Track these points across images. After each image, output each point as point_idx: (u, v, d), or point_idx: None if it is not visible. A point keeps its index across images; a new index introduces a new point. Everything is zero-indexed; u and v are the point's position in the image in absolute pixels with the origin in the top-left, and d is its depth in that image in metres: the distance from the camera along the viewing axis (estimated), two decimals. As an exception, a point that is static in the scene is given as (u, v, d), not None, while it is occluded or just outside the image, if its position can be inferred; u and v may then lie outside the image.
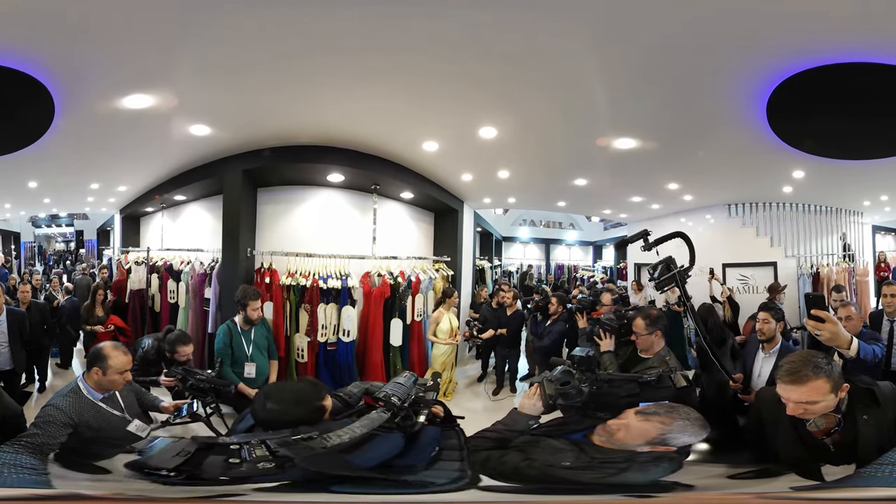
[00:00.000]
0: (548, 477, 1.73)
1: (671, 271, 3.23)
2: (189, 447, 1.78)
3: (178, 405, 2.58)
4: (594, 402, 2.05)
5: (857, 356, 2.04)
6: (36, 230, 6.16)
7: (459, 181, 4.89)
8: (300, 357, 4.20)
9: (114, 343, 2.32)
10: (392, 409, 1.85)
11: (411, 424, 1.84)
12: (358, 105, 3.13)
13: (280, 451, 1.68)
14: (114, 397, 2.25)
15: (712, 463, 1.86)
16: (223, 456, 1.71)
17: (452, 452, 1.84)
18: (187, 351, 3.13)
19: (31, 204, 5.73)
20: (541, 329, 4.42)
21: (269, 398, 1.88)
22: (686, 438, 1.76)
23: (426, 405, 1.94)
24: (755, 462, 1.89)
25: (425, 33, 2.25)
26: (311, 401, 1.87)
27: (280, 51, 2.39)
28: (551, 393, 2.04)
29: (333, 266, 4.35)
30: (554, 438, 1.90)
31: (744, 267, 5.21)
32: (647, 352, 2.78)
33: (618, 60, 2.46)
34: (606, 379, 2.18)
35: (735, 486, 1.77)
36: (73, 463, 1.92)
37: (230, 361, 3.31)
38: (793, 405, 1.69)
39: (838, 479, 1.67)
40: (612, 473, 1.70)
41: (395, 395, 1.89)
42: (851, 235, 5.33)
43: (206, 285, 4.48)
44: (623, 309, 3.20)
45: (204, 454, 1.74)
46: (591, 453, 1.78)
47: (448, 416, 2.06)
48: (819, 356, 1.72)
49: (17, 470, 1.75)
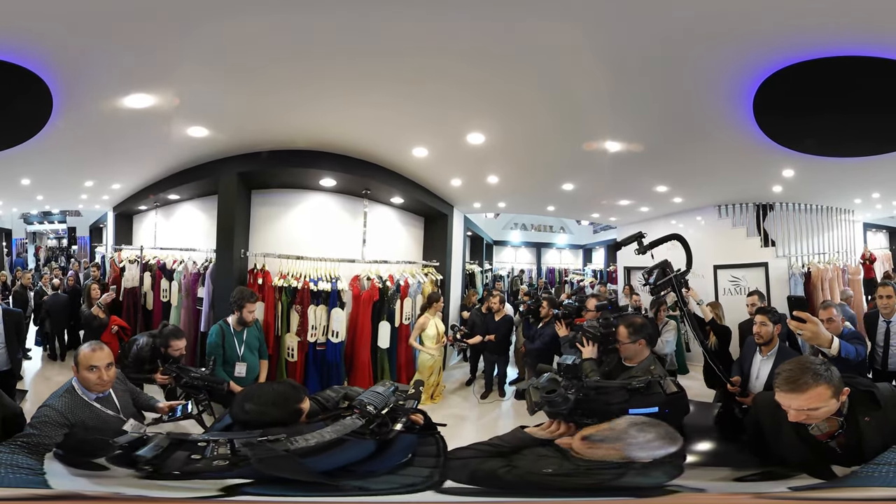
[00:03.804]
0: (528, 483, 1.75)
1: (667, 276, 3.24)
2: (163, 442, 1.81)
3: (173, 405, 2.62)
4: (581, 410, 2.04)
5: (838, 355, 2.15)
6: (28, 227, 6.13)
7: (449, 186, 4.95)
8: (290, 356, 4.27)
9: (91, 342, 2.30)
10: (366, 417, 1.87)
11: (386, 432, 1.86)
12: (351, 111, 3.19)
13: (242, 450, 1.69)
14: (109, 397, 2.26)
15: (717, 466, 1.91)
16: (187, 452, 1.74)
17: (427, 459, 1.84)
18: (180, 346, 3.14)
19: (24, 201, 5.70)
20: (532, 332, 4.49)
21: (248, 399, 1.90)
22: (647, 453, 1.75)
23: (405, 413, 1.96)
24: (756, 465, 1.89)
25: (415, 42, 2.32)
26: (289, 403, 1.89)
27: (277, 56, 2.44)
28: (537, 400, 2.06)
29: (324, 269, 4.42)
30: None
31: (735, 268, 5.18)
32: (632, 360, 2.74)
33: (603, 64, 2.49)
34: (594, 386, 2.16)
35: (735, 486, 1.78)
36: (70, 462, 1.92)
37: (221, 361, 3.35)
38: (794, 412, 1.68)
39: (837, 479, 1.68)
40: (594, 483, 1.72)
41: (372, 403, 1.92)
42: (843, 233, 5.26)
43: (199, 285, 4.52)
44: (610, 315, 3.12)
45: (174, 449, 1.78)
46: (574, 461, 1.80)
47: (428, 423, 2.07)
48: (816, 362, 1.71)
49: (14, 470, 1.76)
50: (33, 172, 4.32)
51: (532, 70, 2.58)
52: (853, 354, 2.34)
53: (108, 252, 5.58)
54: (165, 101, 2.90)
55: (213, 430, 2.04)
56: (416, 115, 3.22)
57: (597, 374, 2.75)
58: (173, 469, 1.72)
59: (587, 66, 2.53)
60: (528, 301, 4.93)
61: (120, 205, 5.42)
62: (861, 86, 2.43)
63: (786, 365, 1.73)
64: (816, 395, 1.64)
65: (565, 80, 2.69)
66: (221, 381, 3.08)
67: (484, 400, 4.75)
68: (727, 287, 5.22)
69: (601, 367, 2.85)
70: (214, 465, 1.68)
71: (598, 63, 2.50)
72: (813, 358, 1.80)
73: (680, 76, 2.55)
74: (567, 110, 3.09)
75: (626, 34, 2.20)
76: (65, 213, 6.19)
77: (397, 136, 3.66)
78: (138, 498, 1.70)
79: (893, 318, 3.30)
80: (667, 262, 3.26)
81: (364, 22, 2.16)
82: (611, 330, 2.88)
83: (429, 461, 1.83)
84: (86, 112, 2.94)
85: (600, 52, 2.39)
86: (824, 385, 1.65)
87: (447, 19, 2.14)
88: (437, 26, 2.19)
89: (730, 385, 2.98)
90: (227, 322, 3.47)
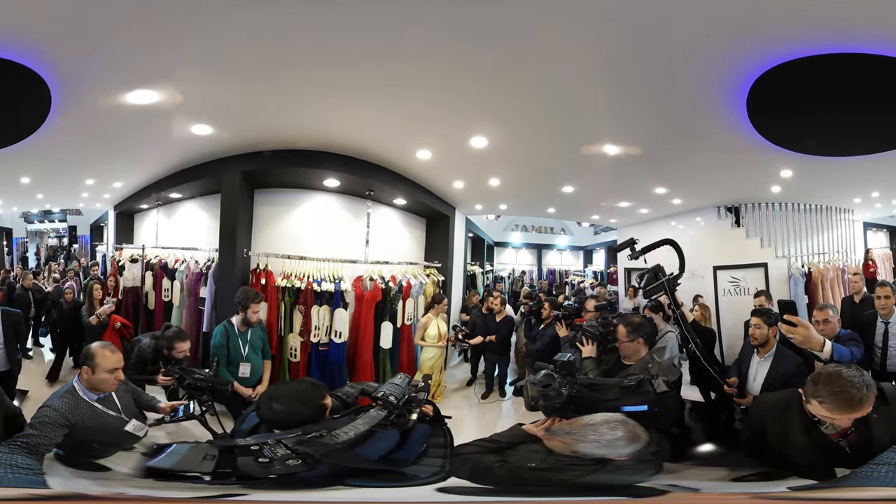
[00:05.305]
0: (515, 478, 1.82)
1: (659, 280, 3.29)
2: (212, 450, 1.86)
3: (175, 406, 2.63)
4: (574, 405, 2.11)
5: (830, 358, 2.16)
6: (28, 226, 6.10)
7: (451, 188, 4.98)
8: (293, 356, 4.27)
9: (103, 342, 2.31)
10: (388, 408, 1.96)
11: (405, 422, 1.96)
12: (356, 113, 3.21)
13: (299, 448, 1.76)
14: (110, 398, 2.27)
15: (715, 466, 1.94)
16: (251, 457, 1.78)
17: (438, 449, 1.96)
18: (184, 348, 3.14)
19: (24, 199, 5.67)
20: (534, 333, 4.53)
21: (275, 400, 1.95)
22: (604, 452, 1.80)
23: (418, 404, 2.06)
24: (755, 465, 1.92)
25: (420, 47, 2.34)
26: (314, 400, 1.96)
27: (283, 56, 2.44)
28: (533, 395, 2.14)
29: (327, 269, 4.43)
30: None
31: (735, 269, 5.16)
32: (630, 358, 2.84)
33: (601, 68, 2.51)
34: (587, 383, 2.23)
35: (733, 486, 1.82)
36: (71, 462, 1.95)
37: (225, 361, 3.35)
38: (846, 423, 1.72)
39: (837, 478, 1.71)
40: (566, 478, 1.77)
41: (393, 394, 2.01)
42: (843, 233, 5.22)
43: (201, 284, 4.52)
44: (609, 316, 3.23)
45: (229, 456, 1.82)
46: (556, 456, 1.87)
47: (437, 415, 2.17)
48: (852, 371, 1.72)
49: (13, 470, 1.78)
50: (33, 171, 4.30)
51: (532, 75, 2.61)
52: (847, 357, 2.34)
53: (110, 251, 5.57)
54: (169, 97, 2.87)
55: (239, 431, 2.08)
56: (420, 118, 3.24)
57: (596, 372, 2.82)
58: (250, 475, 1.76)
59: (586, 71, 2.56)
60: (529, 303, 4.94)
61: (121, 203, 5.41)
62: (856, 84, 2.41)
63: (830, 387, 1.71)
64: (871, 401, 1.68)
65: (565, 86, 2.72)
66: (226, 383, 3.09)
67: (484, 400, 4.77)
68: (727, 288, 5.20)
69: (600, 366, 2.92)
70: (289, 465, 1.75)
71: (596, 68, 2.52)
72: (843, 369, 1.77)
73: (676, 78, 2.56)
74: (566, 115, 3.13)
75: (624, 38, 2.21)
76: (65, 212, 6.16)
77: (401, 138, 3.68)
78: (141, 498, 1.72)
79: (892, 318, 3.29)
80: (659, 266, 3.30)
81: (371, 24, 2.17)
82: (609, 329, 2.97)
83: (439, 451, 1.94)
84: (86, 109, 2.92)
85: (599, 57, 2.41)
86: (874, 391, 1.69)
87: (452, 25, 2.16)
88: (443, 31, 2.21)
89: (726, 386, 3.01)
90: (232, 322, 3.47)
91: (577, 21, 2.11)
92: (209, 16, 2.08)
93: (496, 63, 2.47)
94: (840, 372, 1.74)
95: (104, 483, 1.85)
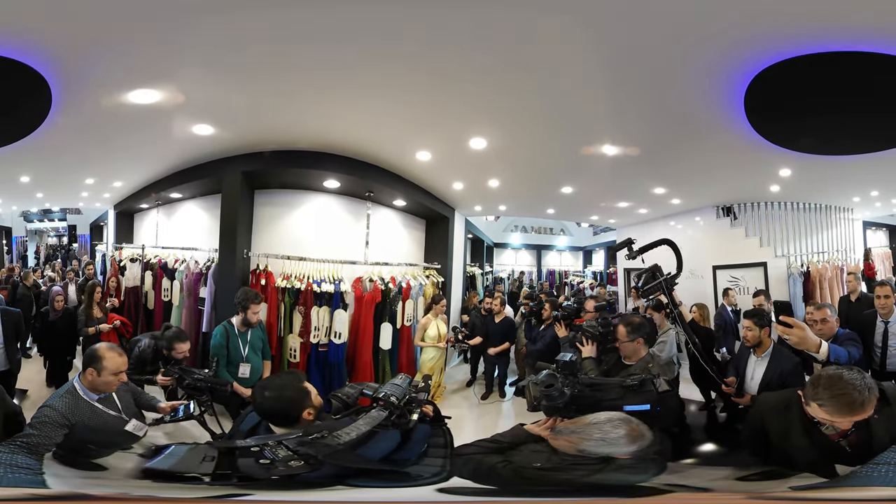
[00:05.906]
0: (520, 478, 1.82)
1: (657, 279, 3.31)
2: (211, 452, 1.86)
3: (174, 405, 2.63)
4: (577, 405, 2.12)
5: (827, 359, 2.15)
6: (28, 225, 6.09)
7: (451, 189, 4.99)
8: (293, 357, 4.27)
9: (109, 344, 2.32)
10: (390, 408, 1.98)
11: (405, 422, 1.97)
12: (355, 114, 3.22)
13: (300, 449, 1.77)
14: (110, 397, 2.27)
15: (719, 466, 1.95)
16: (253, 458, 1.79)
17: (438, 450, 1.97)
18: (184, 348, 3.15)
19: (24, 198, 5.66)
20: (535, 333, 4.53)
21: (264, 388, 2.00)
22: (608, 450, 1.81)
23: (418, 404, 2.07)
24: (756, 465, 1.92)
25: (420, 48, 2.35)
26: (295, 384, 1.99)
27: (284, 57, 2.46)
28: (536, 395, 2.14)
29: (327, 270, 4.43)
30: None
31: (734, 268, 5.17)
32: (630, 358, 2.84)
33: (600, 70, 2.52)
34: (589, 383, 2.25)
35: (734, 485, 1.82)
36: (71, 462, 1.95)
37: (225, 361, 3.36)
38: (847, 425, 1.73)
39: (837, 478, 1.71)
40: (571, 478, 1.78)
41: (394, 395, 2.02)
42: (842, 232, 5.19)
43: (201, 284, 4.51)
44: (608, 316, 3.24)
45: (230, 457, 1.83)
46: (560, 456, 1.88)
47: (437, 415, 2.17)
48: (853, 373, 1.71)
49: (13, 470, 1.78)
50: (33, 169, 4.29)
51: (531, 77, 2.62)
52: (844, 357, 2.31)
53: (109, 251, 5.56)
54: (170, 97, 2.88)
55: (238, 432, 2.08)
56: (419, 119, 3.25)
57: (596, 372, 2.84)
58: (251, 476, 1.77)
59: (585, 72, 2.56)
60: (529, 304, 4.95)
61: (121, 203, 5.40)
62: (855, 82, 2.40)
63: (831, 390, 1.69)
64: (873, 403, 1.68)
65: (563, 87, 2.74)
66: (225, 383, 3.10)
67: (484, 401, 4.76)
68: (727, 287, 5.18)
69: (600, 366, 2.93)
70: (291, 466, 1.75)
71: (595, 68, 2.53)
72: (844, 371, 1.76)
73: (675, 78, 2.57)
74: (565, 116, 3.14)
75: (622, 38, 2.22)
76: (65, 211, 6.15)
77: (401, 140, 3.69)
78: (143, 498, 1.72)
79: (891, 318, 3.27)
80: (657, 266, 3.31)
81: (371, 26, 2.18)
82: (609, 329, 2.97)
83: (440, 452, 1.95)
84: (87, 108, 2.92)
85: (597, 58, 2.43)
86: (876, 393, 1.68)
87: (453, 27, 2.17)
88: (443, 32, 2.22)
89: (724, 385, 3.01)
90: (232, 323, 3.48)
91: (576, 22, 2.12)
92: (211, 17, 2.09)
93: (495, 64, 2.48)
94: (841, 374, 1.72)
95: (105, 483, 1.84)
